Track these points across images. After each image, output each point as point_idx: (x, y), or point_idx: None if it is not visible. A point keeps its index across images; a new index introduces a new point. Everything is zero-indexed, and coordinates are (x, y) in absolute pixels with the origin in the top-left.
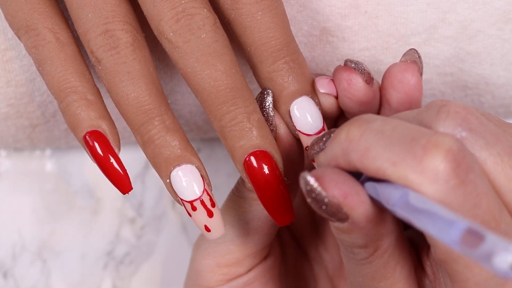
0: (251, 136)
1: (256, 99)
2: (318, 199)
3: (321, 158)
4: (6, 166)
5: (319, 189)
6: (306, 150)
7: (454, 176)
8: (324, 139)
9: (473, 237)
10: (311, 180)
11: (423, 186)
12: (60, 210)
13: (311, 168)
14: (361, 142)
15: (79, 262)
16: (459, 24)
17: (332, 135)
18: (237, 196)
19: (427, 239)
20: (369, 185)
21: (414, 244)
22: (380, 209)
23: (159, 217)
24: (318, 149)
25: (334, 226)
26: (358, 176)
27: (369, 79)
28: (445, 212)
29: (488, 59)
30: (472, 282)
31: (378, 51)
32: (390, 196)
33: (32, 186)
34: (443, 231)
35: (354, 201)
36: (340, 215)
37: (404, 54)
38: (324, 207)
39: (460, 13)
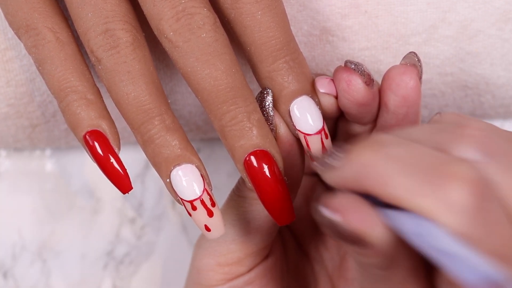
0: (251, 136)
1: (256, 98)
2: (337, 231)
3: (331, 178)
4: (6, 166)
5: (338, 221)
6: (307, 148)
7: (475, 208)
8: (333, 157)
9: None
10: (328, 214)
11: (444, 218)
12: (60, 210)
13: (311, 168)
14: (378, 169)
15: (79, 262)
16: (459, 24)
17: (342, 155)
18: (237, 195)
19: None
20: (381, 210)
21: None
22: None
23: (159, 217)
24: (326, 166)
25: (353, 250)
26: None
27: (369, 80)
28: (468, 253)
29: (488, 59)
30: None
31: (378, 50)
32: (405, 226)
33: (32, 186)
34: (464, 271)
35: (374, 229)
36: (360, 243)
37: (404, 57)
38: (343, 237)
39: (460, 12)
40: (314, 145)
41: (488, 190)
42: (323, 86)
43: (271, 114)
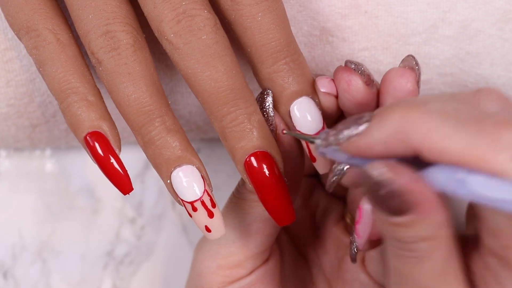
0: (251, 137)
1: (256, 99)
2: (383, 192)
3: (362, 142)
4: (6, 166)
5: (390, 179)
6: (307, 149)
7: None
8: (357, 123)
9: None
10: (383, 171)
11: (503, 164)
12: (60, 210)
13: (311, 169)
14: (426, 122)
15: (79, 262)
16: (459, 24)
17: (369, 117)
18: (238, 198)
19: (489, 227)
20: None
21: None
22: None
23: (159, 217)
24: (349, 133)
25: (393, 222)
26: None
27: (368, 80)
28: None
29: (488, 59)
30: None
31: (378, 51)
32: (444, 184)
33: (32, 186)
34: None
35: (421, 187)
36: (405, 206)
37: (402, 60)
38: (388, 199)
39: (460, 13)
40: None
41: None
42: (324, 86)
43: (272, 115)
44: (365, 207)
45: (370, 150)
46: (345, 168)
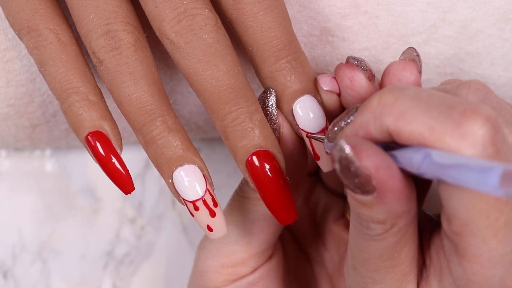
0: (253, 136)
1: (258, 98)
2: (349, 168)
3: (348, 130)
4: (6, 166)
5: (353, 158)
6: (308, 136)
7: (492, 144)
8: (349, 113)
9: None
10: (347, 148)
11: (460, 150)
12: (60, 210)
13: (311, 167)
14: (396, 105)
15: (79, 262)
16: (459, 24)
17: (358, 107)
18: (240, 196)
19: (445, 211)
20: (390, 154)
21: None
22: (407, 186)
23: (159, 217)
24: (343, 125)
25: (356, 198)
26: None
27: (371, 76)
28: (478, 161)
29: (488, 59)
30: (485, 258)
31: (378, 51)
32: (413, 160)
33: (32, 186)
34: (479, 180)
35: (385, 174)
36: (367, 188)
37: (403, 53)
38: (353, 176)
39: (460, 12)
40: (317, 143)
41: (505, 133)
42: (326, 84)
43: (275, 113)
44: None
45: (355, 136)
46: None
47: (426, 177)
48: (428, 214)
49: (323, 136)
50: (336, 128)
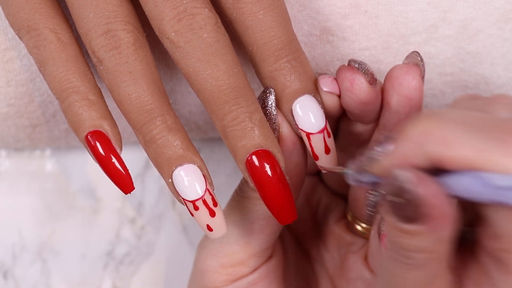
0: (253, 136)
1: (258, 98)
2: (403, 198)
3: (387, 162)
4: (6, 166)
5: (411, 187)
6: (310, 147)
7: None
8: (379, 144)
9: None
10: (406, 177)
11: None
12: (60, 210)
13: (313, 167)
14: (439, 132)
15: (79, 262)
16: (460, 24)
17: (391, 137)
18: (240, 196)
19: (493, 229)
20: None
21: None
22: (453, 210)
23: (159, 217)
24: (374, 155)
25: (400, 227)
26: None
27: (372, 79)
28: None
29: (488, 59)
30: None
31: (379, 50)
32: (470, 185)
33: (32, 186)
34: None
35: (441, 201)
36: (418, 216)
37: (407, 57)
38: (404, 206)
39: (460, 12)
40: (317, 143)
41: None
42: (326, 85)
43: (274, 113)
44: None
45: (400, 166)
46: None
47: (478, 201)
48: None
49: (343, 168)
50: (365, 160)
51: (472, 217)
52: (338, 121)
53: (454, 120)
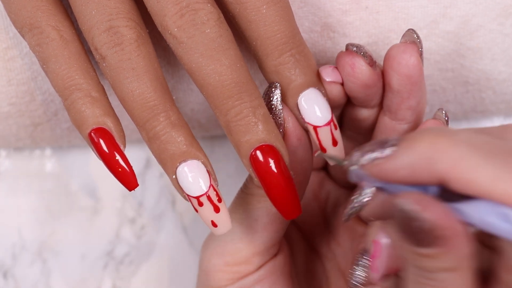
0: (257, 131)
1: (264, 93)
2: (415, 225)
3: (388, 166)
4: (6, 166)
5: (420, 215)
6: (317, 140)
7: None
8: (382, 147)
9: None
10: (411, 206)
11: None
12: (60, 210)
13: (320, 162)
14: (454, 152)
15: (79, 262)
16: (460, 19)
17: (396, 142)
18: (245, 193)
19: (509, 266)
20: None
21: None
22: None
23: (159, 217)
24: (374, 156)
25: (419, 252)
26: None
27: (371, 61)
28: None
29: (489, 54)
30: None
31: (380, 46)
32: (490, 220)
33: (32, 186)
34: None
35: (451, 221)
36: (432, 240)
37: (403, 35)
38: (416, 232)
39: (461, 8)
40: (324, 136)
41: None
42: (328, 75)
43: (280, 108)
44: (384, 241)
45: (395, 174)
46: (365, 200)
47: (491, 233)
48: None
49: (343, 160)
50: (365, 157)
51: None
52: (343, 110)
53: (468, 142)
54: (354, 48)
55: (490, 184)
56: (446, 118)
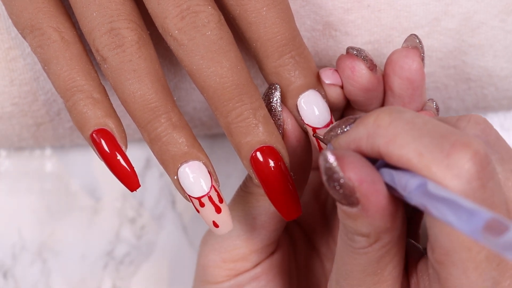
0: (257, 132)
1: (263, 94)
2: (334, 179)
3: (342, 140)
4: (6, 166)
5: (337, 168)
6: (314, 135)
7: (477, 178)
8: (347, 122)
9: (496, 227)
10: (331, 159)
11: (445, 180)
12: (60, 210)
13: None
14: (390, 128)
15: (79, 262)
16: (462, 16)
17: (357, 119)
18: (244, 191)
19: (429, 239)
20: (385, 171)
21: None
22: (392, 203)
23: (159, 217)
24: (339, 132)
25: (342, 209)
26: (374, 162)
27: (372, 65)
28: (468, 202)
29: (491, 51)
30: None
31: (381, 44)
32: (407, 183)
33: (32, 186)
34: (464, 220)
35: (369, 188)
36: (352, 200)
37: (405, 40)
38: (338, 188)
39: (462, 5)
40: None
41: (493, 169)
42: (328, 77)
43: (279, 109)
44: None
45: (348, 147)
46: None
47: (412, 203)
48: (414, 243)
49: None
50: (332, 133)
51: None
52: (343, 112)
53: (408, 121)
54: (355, 52)
55: (414, 160)
56: (436, 108)
